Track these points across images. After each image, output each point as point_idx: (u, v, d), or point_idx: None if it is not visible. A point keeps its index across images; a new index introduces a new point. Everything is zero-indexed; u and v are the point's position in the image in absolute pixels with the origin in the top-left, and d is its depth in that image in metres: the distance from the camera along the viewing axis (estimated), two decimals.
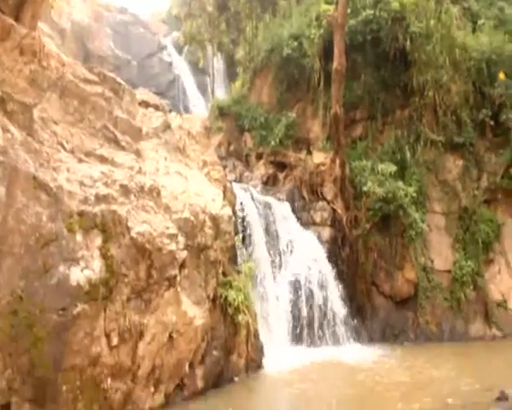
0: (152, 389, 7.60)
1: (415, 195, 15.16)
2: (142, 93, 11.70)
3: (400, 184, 15.07)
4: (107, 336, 6.81)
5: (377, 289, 15.16)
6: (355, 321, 14.20)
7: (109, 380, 6.81)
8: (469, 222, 16.06)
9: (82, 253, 6.64)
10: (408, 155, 16.19)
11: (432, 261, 15.53)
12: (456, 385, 9.20)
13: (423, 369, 10.77)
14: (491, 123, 16.51)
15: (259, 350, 10.90)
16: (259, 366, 10.73)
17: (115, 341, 6.89)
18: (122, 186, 7.64)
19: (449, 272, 15.52)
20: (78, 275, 6.47)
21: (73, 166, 7.20)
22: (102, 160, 7.85)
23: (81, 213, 6.76)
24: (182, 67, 27.22)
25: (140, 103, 10.65)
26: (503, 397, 7.97)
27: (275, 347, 11.82)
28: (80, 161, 7.46)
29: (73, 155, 7.42)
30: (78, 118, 8.00)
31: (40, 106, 7.40)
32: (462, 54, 16.88)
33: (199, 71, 26.75)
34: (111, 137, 8.41)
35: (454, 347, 13.88)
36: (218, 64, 26.05)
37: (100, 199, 7.12)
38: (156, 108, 11.26)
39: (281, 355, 11.57)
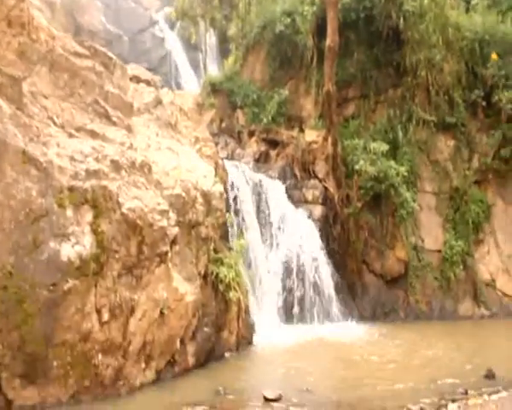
0: (143, 365, 7.62)
1: (406, 174, 15.16)
2: (134, 68, 11.55)
3: (392, 163, 15.06)
4: (98, 311, 6.80)
5: (368, 267, 15.23)
6: (346, 299, 14.29)
7: (100, 356, 6.82)
8: (460, 202, 16.12)
9: (72, 228, 6.60)
10: (400, 134, 16.16)
11: (422, 241, 15.62)
12: (447, 363, 9.34)
13: (415, 348, 10.87)
14: (483, 104, 16.49)
15: (250, 327, 10.95)
16: (250, 342, 10.80)
17: (106, 317, 6.89)
18: (113, 162, 7.57)
19: (439, 251, 15.62)
20: (69, 251, 6.44)
21: (64, 141, 7.13)
22: (93, 135, 7.77)
23: (71, 189, 6.70)
24: (174, 43, 26.84)
25: (131, 78, 10.52)
26: (490, 375, 8.18)
27: (266, 324, 11.88)
28: (71, 135, 7.38)
29: (64, 130, 7.35)
30: (69, 92, 7.90)
31: (30, 79, 7.30)
32: (455, 33, 16.77)
33: (191, 47, 26.38)
34: (102, 112, 8.31)
35: (444, 325, 14.02)
36: (210, 40, 25.72)
37: (90, 174, 7.06)
38: (148, 83, 11.14)
39: (272, 333, 11.64)
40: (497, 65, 16.13)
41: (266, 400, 7.05)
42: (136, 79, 10.90)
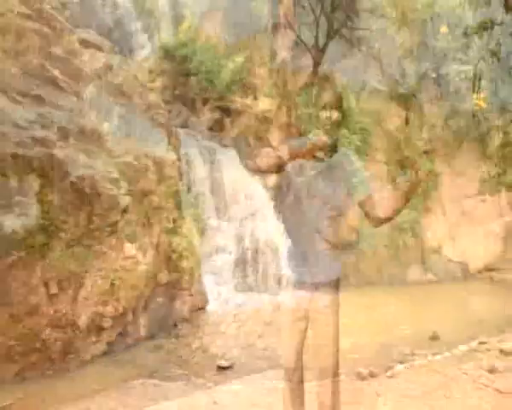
0: (93, 339, 7.52)
1: (359, 143, 15.30)
2: (84, 32, 11.16)
3: (345, 132, 15.15)
4: (46, 284, 6.64)
5: (320, 235, 15.36)
6: (299, 267, 14.42)
7: (48, 330, 6.69)
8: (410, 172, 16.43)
9: (18, 198, 6.39)
10: (353, 103, 16.26)
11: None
12: (396, 327, 9.64)
13: (366, 313, 11.08)
14: (434, 75, 16.77)
15: (204, 296, 10.94)
16: (204, 312, 10.79)
17: (54, 289, 6.74)
18: (60, 129, 7.34)
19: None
20: (14, 222, 6.25)
21: (7, 107, 6.84)
22: (39, 101, 7.50)
23: (15, 157, 6.46)
24: (126, 7, 26.10)
25: (81, 43, 10.17)
26: (435, 337, 8.73)
27: (219, 293, 11.90)
28: (14, 101, 7.09)
29: (7, 95, 7.05)
30: (13, 55, 7.57)
31: None
32: (407, 5, 16.91)
33: (144, 12, 25.71)
34: (49, 76, 8.02)
35: (393, 291, 14.34)
36: (164, 5, 25.11)
37: (37, 142, 6.82)
38: (98, 48, 10.80)
39: (225, 301, 11.66)
40: (446, 38, 16.38)
41: (220, 368, 7.11)
42: (86, 44, 10.54)
